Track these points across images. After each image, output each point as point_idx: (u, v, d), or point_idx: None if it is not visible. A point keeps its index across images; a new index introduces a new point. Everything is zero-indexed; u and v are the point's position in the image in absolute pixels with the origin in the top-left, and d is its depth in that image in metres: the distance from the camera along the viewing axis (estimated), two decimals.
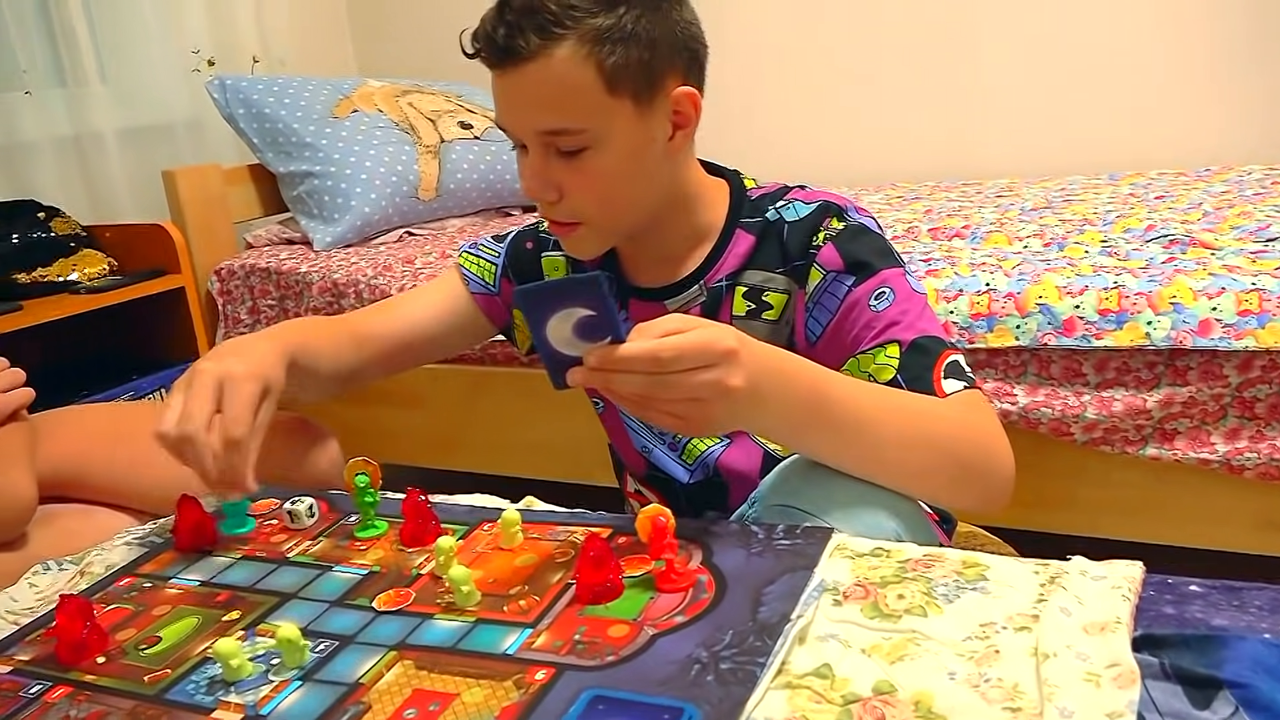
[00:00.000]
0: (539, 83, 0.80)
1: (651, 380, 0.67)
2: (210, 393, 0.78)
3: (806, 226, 0.89)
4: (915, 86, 2.48)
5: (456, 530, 0.81)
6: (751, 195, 0.94)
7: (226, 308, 2.07)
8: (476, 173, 2.32)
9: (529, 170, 0.85)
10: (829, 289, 0.87)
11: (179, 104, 2.40)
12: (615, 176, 0.85)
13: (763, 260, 0.91)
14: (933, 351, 0.82)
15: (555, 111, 0.82)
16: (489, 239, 1.09)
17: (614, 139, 0.83)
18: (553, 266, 1.04)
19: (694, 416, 0.69)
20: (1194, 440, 1.32)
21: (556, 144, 0.83)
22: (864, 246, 0.87)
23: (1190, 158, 2.24)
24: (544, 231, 1.05)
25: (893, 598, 0.65)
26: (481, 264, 1.06)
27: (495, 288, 1.05)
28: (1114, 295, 1.32)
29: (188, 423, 0.77)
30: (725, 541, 0.73)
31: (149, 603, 0.76)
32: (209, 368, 0.80)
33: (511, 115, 0.85)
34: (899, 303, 0.83)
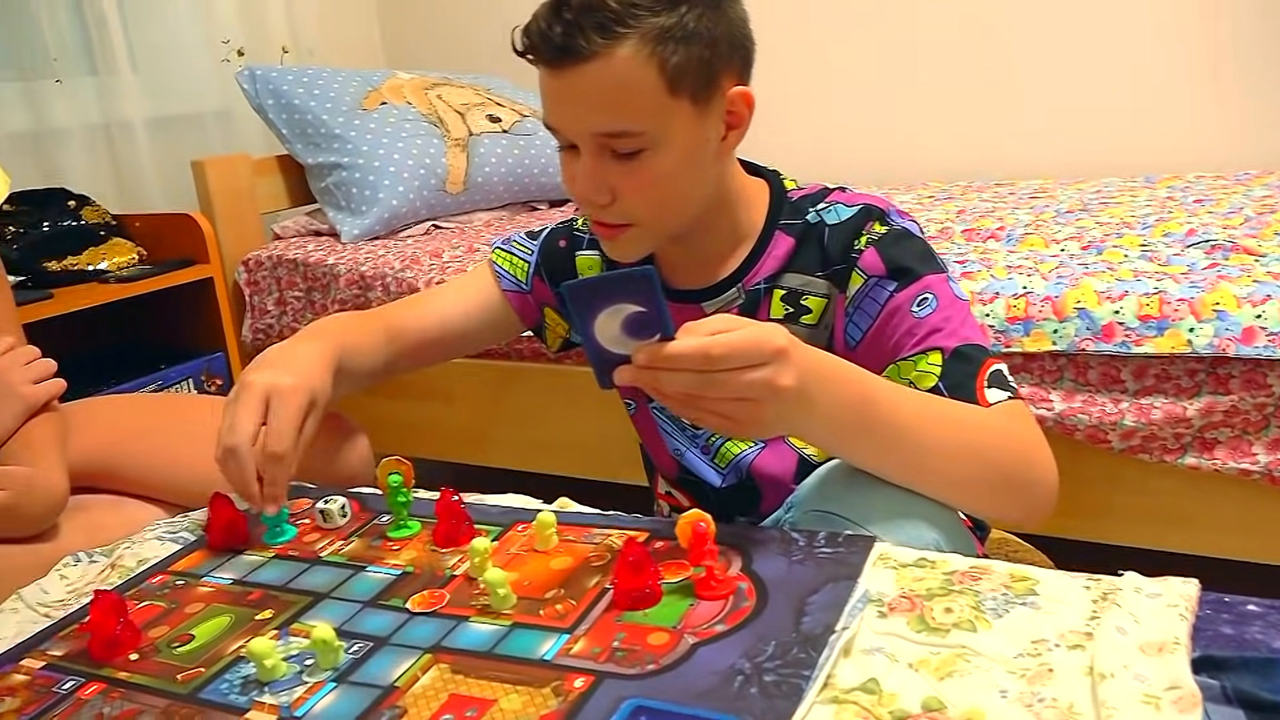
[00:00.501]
0: (599, 83, 0.78)
1: (701, 379, 0.65)
2: (258, 405, 0.78)
3: (848, 230, 0.88)
4: (947, 85, 2.45)
5: (490, 531, 0.80)
6: (792, 197, 0.93)
7: (253, 298, 2.07)
8: (504, 166, 2.31)
9: (583, 173, 0.83)
10: (870, 294, 0.85)
11: (208, 94, 2.40)
12: (671, 178, 0.83)
13: (802, 263, 0.90)
14: (976, 360, 0.80)
15: (615, 113, 0.79)
16: (522, 235, 1.07)
17: (672, 140, 0.81)
18: (587, 265, 1.02)
19: (742, 417, 0.67)
20: (1235, 450, 1.29)
21: (612, 145, 0.81)
22: (906, 251, 0.85)
23: (1228, 161, 2.20)
24: (578, 229, 1.04)
25: (940, 611, 0.63)
26: (514, 261, 1.05)
27: (527, 285, 1.04)
28: (1155, 301, 1.30)
29: (232, 436, 0.78)
30: (765, 548, 0.72)
31: (182, 600, 0.76)
32: (257, 380, 0.80)
33: (566, 116, 0.82)
34: (941, 309, 0.82)
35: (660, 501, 1.10)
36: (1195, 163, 2.22)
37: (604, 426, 1.69)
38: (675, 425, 0.99)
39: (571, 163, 0.85)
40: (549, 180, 2.41)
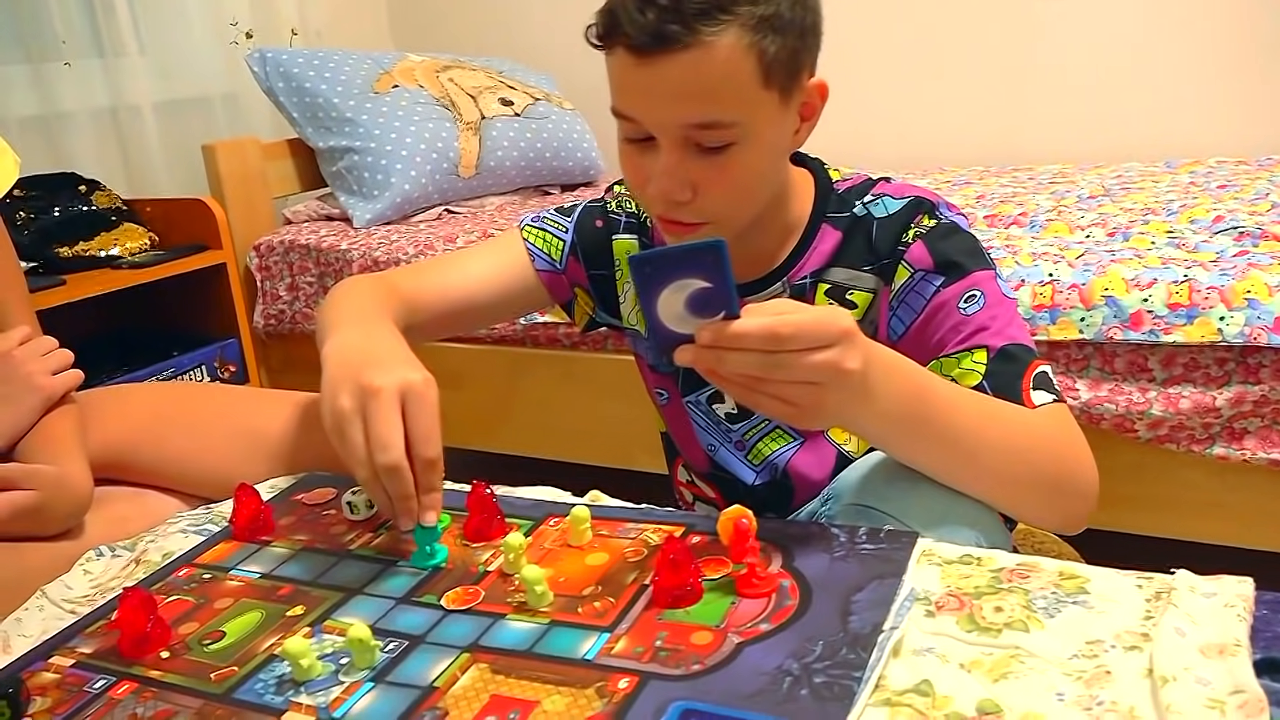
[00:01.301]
0: (696, 73, 0.73)
1: (765, 360, 0.63)
2: (397, 412, 0.71)
3: (896, 223, 0.86)
4: (963, 71, 2.43)
5: (522, 525, 0.79)
6: (838, 188, 0.90)
7: (265, 284, 2.05)
8: (516, 150, 2.29)
9: (663, 169, 0.78)
10: (916, 288, 0.84)
11: (216, 77, 2.38)
12: (755, 174, 0.80)
13: (849, 258, 0.88)
14: (1022, 360, 0.79)
15: (710, 104, 0.75)
16: (553, 213, 1.03)
17: (760, 134, 0.78)
18: (624, 249, 1.00)
19: (804, 402, 0.65)
20: (1265, 440, 1.27)
21: (699, 139, 0.77)
22: (955, 246, 0.83)
23: (1249, 146, 2.17)
24: (613, 212, 1.01)
25: (990, 610, 0.62)
26: (549, 239, 1.01)
27: (562, 265, 1.01)
28: (1184, 289, 1.28)
29: (388, 453, 0.69)
30: (805, 544, 0.71)
31: (210, 595, 0.74)
32: (385, 383, 0.71)
33: (653, 107, 0.77)
34: (989, 307, 0.80)
35: (680, 489, 1.09)
36: (1215, 147, 2.20)
37: (618, 413, 1.67)
38: (710, 420, 0.97)
39: (639, 156, 0.80)
40: (561, 164, 2.39)
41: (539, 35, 2.80)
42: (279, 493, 0.92)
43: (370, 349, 0.78)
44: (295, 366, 2.09)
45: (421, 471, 0.71)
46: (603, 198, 1.02)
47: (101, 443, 0.99)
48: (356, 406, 0.71)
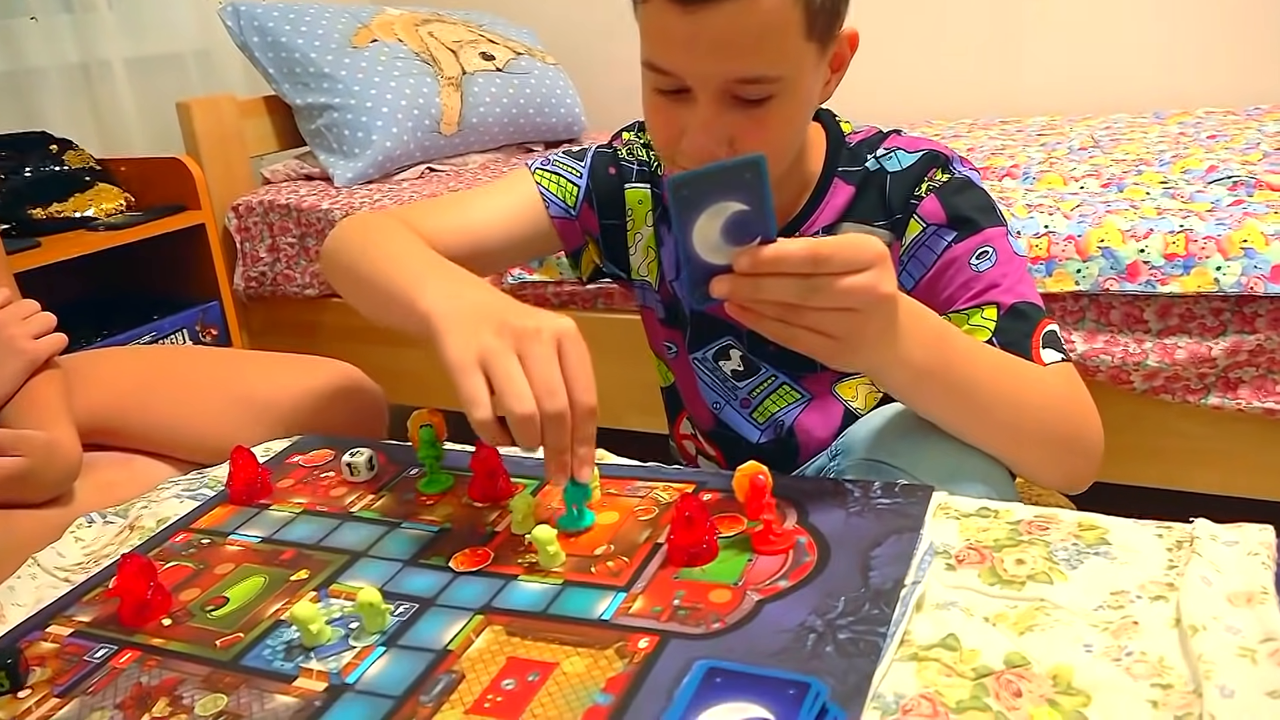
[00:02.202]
0: (743, 24, 0.70)
1: (804, 285, 0.60)
2: (555, 358, 0.65)
3: (910, 178, 0.84)
4: (950, 23, 2.39)
5: (528, 485, 0.77)
6: (849, 141, 0.88)
7: (245, 245, 2.01)
8: (499, 106, 2.24)
9: (701, 123, 0.74)
10: (927, 242, 0.82)
11: (189, 31, 2.31)
12: (792, 127, 0.78)
13: (862, 213, 0.86)
14: (1032, 318, 0.78)
15: (755, 56, 0.71)
16: (563, 156, 0.98)
17: (799, 86, 0.75)
18: (636, 199, 0.96)
19: (841, 331, 0.62)
20: (1259, 389, 1.27)
21: (740, 92, 0.73)
22: (968, 201, 0.82)
23: (1236, 96, 2.16)
24: (624, 159, 0.97)
25: (1011, 563, 0.61)
26: (563, 184, 0.96)
27: (575, 211, 0.96)
28: (1180, 239, 1.27)
29: (554, 398, 0.63)
30: (819, 500, 0.70)
31: (210, 560, 0.73)
32: (544, 325, 0.65)
33: (694, 59, 0.73)
34: (1000, 264, 0.80)
35: (681, 442, 1.07)
36: (1203, 98, 2.19)
37: (608, 373, 1.63)
38: (715, 378, 0.96)
39: (671, 108, 0.76)
40: (544, 120, 2.35)
41: None
42: (274, 455, 0.90)
43: (494, 294, 0.72)
44: (278, 329, 2.05)
45: (580, 421, 0.65)
46: (611, 144, 0.98)
47: (87, 408, 0.96)
48: (508, 346, 0.64)
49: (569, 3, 2.71)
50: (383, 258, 0.81)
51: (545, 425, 0.63)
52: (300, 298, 1.97)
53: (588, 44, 2.68)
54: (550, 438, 0.64)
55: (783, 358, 0.91)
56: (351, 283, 0.86)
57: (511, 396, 0.63)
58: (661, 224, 0.95)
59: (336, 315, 1.95)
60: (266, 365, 1.09)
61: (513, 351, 0.64)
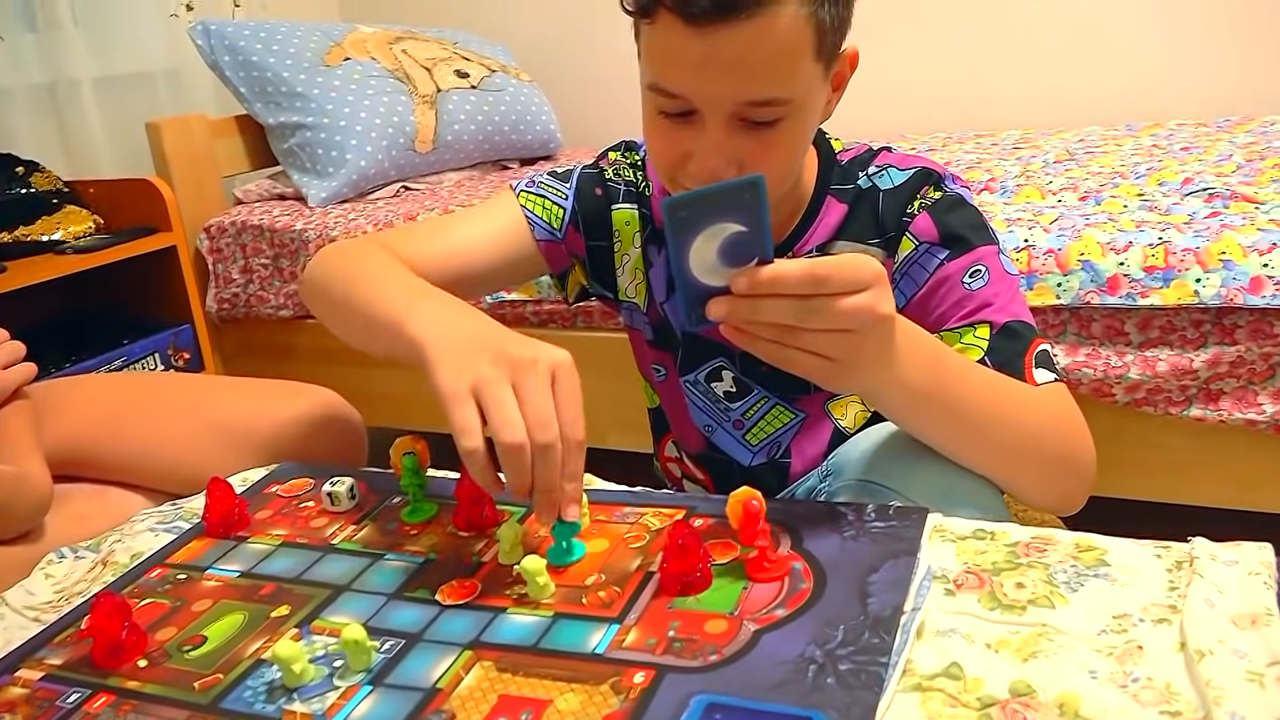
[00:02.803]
0: (757, 45, 0.68)
1: (802, 307, 0.59)
2: (550, 389, 0.64)
3: (902, 195, 0.84)
4: (923, 36, 2.40)
5: (515, 513, 0.75)
6: (840, 159, 0.88)
7: (217, 267, 1.98)
8: (474, 124, 2.23)
9: (711, 147, 0.73)
10: (920, 260, 0.82)
11: (158, 50, 2.28)
12: (799, 149, 0.77)
13: (855, 231, 0.86)
14: (1025, 338, 0.78)
15: (769, 79, 0.70)
16: (548, 177, 0.96)
17: (807, 107, 0.74)
18: (624, 221, 0.95)
19: (840, 353, 0.61)
20: (1240, 401, 1.28)
21: (750, 115, 0.72)
22: (961, 219, 0.82)
23: (1207, 109, 2.18)
24: (611, 180, 0.95)
25: (1011, 587, 0.60)
26: (548, 206, 0.94)
27: (561, 234, 0.94)
28: (1160, 251, 1.27)
29: (546, 431, 0.62)
30: (813, 524, 0.68)
31: (187, 597, 0.70)
32: (539, 356, 0.64)
33: (706, 82, 0.71)
34: (993, 283, 0.79)
35: (666, 464, 1.06)
36: (1173, 110, 2.21)
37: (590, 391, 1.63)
38: (708, 399, 0.94)
39: (675, 131, 0.75)
40: (520, 138, 2.33)
41: (493, 4, 2.73)
42: (251, 485, 0.88)
43: (486, 321, 0.70)
44: (251, 351, 2.02)
45: (569, 456, 0.63)
46: (597, 164, 0.97)
47: (57, 438, 0.94)
48: (504, 376, 0.63)
49: (543, 20, 2.70)
50: (367, 284, 0.79)
51: (535, 457, 0.62)
52: (274, 319, 1.94)
53: (562, 61, 2.67)
54: (539, 471, 0.62)
55: (775, 379, 0.90)
56: (334, 310, 0.84)
57: (503, 425, 0.61)
58: (650, 245, 0.94)
59: (311, 337, 1.92)
60: (242, 391, 1.07)
61: (508, 381, 0.63)
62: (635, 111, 0.80)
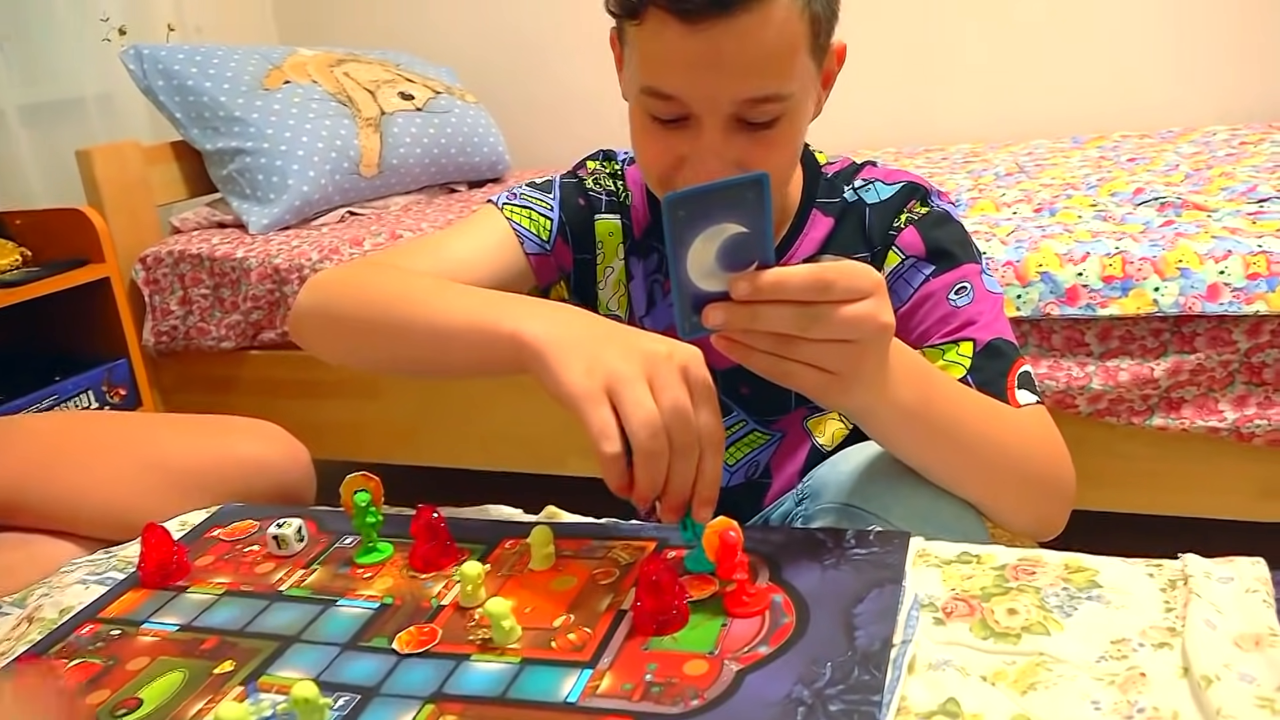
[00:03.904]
0: (754, 40, 0.66)
1: (804, 315, 0.56)
2: (685, 385, 0.59)
3: (889, 209, 0.82)
4: (870, 52, 2.41)
5: (475, 550, 0.71)
6: (825, 172, 0.86)
7: (154, 298, 1.91)
8: (420, 147, 2.19)
9: (710, 150, 0.70)
10: (905, 275, 0.80)
11: (88, 76, 2.21)
12: (795, 149, 0.75)
13: (841, 244, 0.84)
14: (1008, 357, 0.76)
15: (768, 76, 0.68)
16: (528, 189, 0.92)
17: (804, 105, 0.72)
18: (607, 231, 0.90)
19: (839, 366, 0.58)
20: (1201, 409, 1.28)
21: (749, 114, 0.70)
22: (947, 235, 0.81)
23: (1149, 120, 2.22)
24: (593, 190, 0.91)
25: (1003, 613, 0.57)
26: (534, 218, 0.89)
27: (549, 246, 0.89)
28: (1117, 261, 1.27)
29: (686, 430, 0.58)
30: (790, 552, 0.65)
31: (121, 655, 0.65)
32: (675, 351, 0.60)
33: (703, 81, 0.68)
34: (977, 301, 0.78)
35: None
36: (1117, 123, 2.24)
37: (543, 417, 1.60)
38: None
39: (668, 137, 0.72)
40: (467, 160, 2.29)
41: (436, 25, 2.69)
42: (191, 530, 0.82)
43: (601, 319, 0.66)
44: (191, 385, 1.95)
45: (706, 454, 0.60)
46: (576, 173, 0.93)
47: None
48: (639, 371, 0.59)
49: (487, 42, 2.67)
50: (417, 299, 0.73)
51: (674, 458, 0.58)
52: (215, 351, 1.87)
53: (508, 83, 2.64)
54: (676, 471, 0.59)
55: (754, 401, 0.87)
56: (359, 337, 0.78)
57: (643, 427, 0.57)
58: (632, 256, 0.91)
59: (255, 369, 1.86)
60: (180, 427, 1.01)
61: (644, 377, 0.58)
62: (583, 132, 0.79)
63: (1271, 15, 2.15)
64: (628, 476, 0.59)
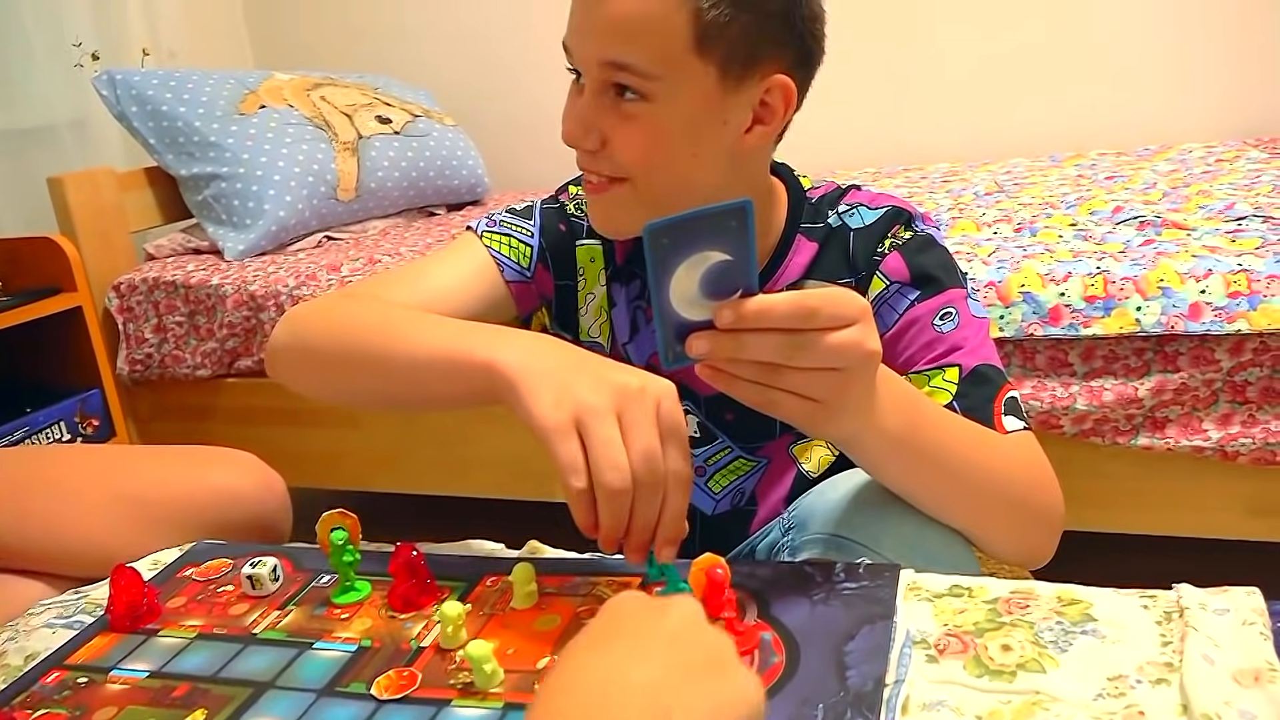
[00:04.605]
0: (625, 8, 0.71)
1: (790, 342, 0.55)
2: (655, 422, 0.58)
3: (873, 234, 0.82)
4: (848, 72, 2.42)
5: (455, 588, 0.69)
6: (810, 197, 0.86)
7: (128, 326, 1.88)
8: (398, 170, 2.17)
9: (576, 110, 0.76)
10: (890, 300, 0.79)
11: (60, 102, 2.18)
12: (667, 137, 0.74)
13: (825, 269, 0.83)
14: (994, 383, 0.75)
15: (627, 43, 0.72)
16: (508, 215, 0.91)
17: (678, 101, 0.73)
18: (588, 258, 0.90)
19: (826, 395, 0.57)
20: (1186, 428, 1.28)
21: (617, 80, 0.73)
22: (932, 260, 0.80)
23: (1126, 138, 2.23)
24: (573, 215, 0.91)
25: (997, 649, 0.56)
26: (515, 245, 0.89)
27: (530, 273, 0.89)
28: (1099, 281, 1.27)
29: (654, 470, 0.57)
30: (779, 588, 0.64)
31: (88, 704, 0.62)
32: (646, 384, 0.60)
33: (581, 33, 0.75)
34: (963, 326, 0.77)
35: None
36: (1094, 140, 2.25)
37: (524, 442, 1.58)
38: None
39: (574, 98, 0.78)
40: (446, 183, 2.28)
41: (414, 48, 2.68)
42: (163, 569, 0.80)
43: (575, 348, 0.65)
44: (167, 414, 1.92)
45: (672, 493, 0.59)
46: (557, 198, 0.93)
47: None
48: (609, 405, 0.58)
49: (465, 64, 2.66)
50: (393, 331, 0.72)
51: (637, 499, 0.57)
52: (190, 379, 1.84)
53: (486, 105, 2.64)
54: (639, 508, 0.58)
55: (739, 428, 0.86)
56: (335, 370, 0.77)
57: (609, 468, 0.56)
58: (615, 282, 0.90)
59: (231, 396, 1.83)
60: (151, 459, 0.99)
61: (613, 412, 0.58)
62: (562, 153, 0.82)
63: (1244, 33, 2.17)
64: (594, 516, 0.58)
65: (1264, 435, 1.24)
